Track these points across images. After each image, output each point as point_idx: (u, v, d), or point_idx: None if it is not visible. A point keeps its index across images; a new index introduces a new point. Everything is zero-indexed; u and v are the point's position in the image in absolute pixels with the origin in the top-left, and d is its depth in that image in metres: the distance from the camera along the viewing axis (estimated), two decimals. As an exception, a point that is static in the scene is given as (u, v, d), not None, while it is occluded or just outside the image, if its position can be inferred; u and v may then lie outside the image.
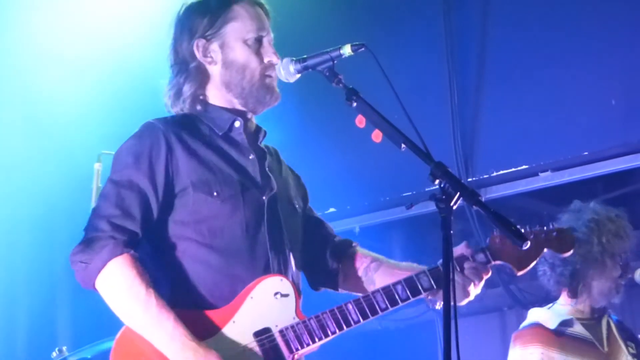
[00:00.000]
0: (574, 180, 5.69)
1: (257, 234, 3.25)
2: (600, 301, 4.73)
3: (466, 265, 3.31)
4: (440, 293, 3.17)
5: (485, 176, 5.88)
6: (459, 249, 3.34)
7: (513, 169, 5.80)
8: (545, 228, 3.51)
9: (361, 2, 6.39)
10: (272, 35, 3.43)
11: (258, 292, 3.17)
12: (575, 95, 5.63)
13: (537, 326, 4.68)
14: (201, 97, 3.39)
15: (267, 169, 3.39)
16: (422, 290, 3.28)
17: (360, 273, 3.51)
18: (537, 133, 5.74)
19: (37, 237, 6.45)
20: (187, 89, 3.37)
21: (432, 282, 3.28)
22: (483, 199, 2.86)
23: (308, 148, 6.14)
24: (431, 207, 2.88)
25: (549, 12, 5.78)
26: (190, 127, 3.33)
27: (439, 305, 3.29)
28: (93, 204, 4.67)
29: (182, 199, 3.21)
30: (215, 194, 3.21)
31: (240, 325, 3.13)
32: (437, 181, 2.87)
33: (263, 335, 3.14)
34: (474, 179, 5.87)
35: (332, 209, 6.33)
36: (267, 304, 3.17)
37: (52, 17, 6.37)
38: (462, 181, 2.97)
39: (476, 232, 6.19)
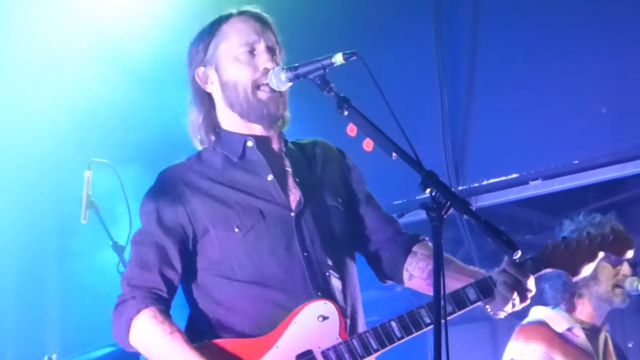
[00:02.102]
0: (565, 188, 5.71)
1: (290, 254, 3.25)
2: (601, 307, 4.71)
3: (507, 273, 3.30)
4: (496, 302, 3.23)
5: (475, 184, 5.89)
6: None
7: (503, 178, 5.81)
8: (601, 232, 3.44)
9: (352, 11, 6.40)
10: (272, 37, 3.42)
11: (302, 316, 3.18)
12: (565, 104, 5.65)
13: (544, 325, 4.67)
14: (213, 125, 3.41)
15: (295, 180, 3.38)
16: (469, 303, 3.28)
17: (425, 275, 3.46)
18: (528, 141, 5.75)
19: (26, 245, 6.43)
20: (196, 117, 3.42)
21: (479, 295, 3.27)
22: (474, 208, 2.86)
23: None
24: (422, 215, 2.88)
25: (540, 21, 5.80)
26: (201, 167, 3.36)
27: (502, 315, 3.30)
28: (83, 212, 4.70)
29: (206, 241, 3.25)
30: (236, 229, 3.24)
31: (283, 350, 3.14)
32: (428, 190, 2.87)
33: (305, 357, 3.15)
34: (464, 187, 5.88)
35: (323, 217, 6.31)
36: (310, 327, 3.17)
37: (48, 23, 6.37)
38: (453, 190, 2.96)
39: (466, 239, 6.20)
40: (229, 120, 3.40)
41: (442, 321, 2.73)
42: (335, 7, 6.43)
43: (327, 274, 3.29)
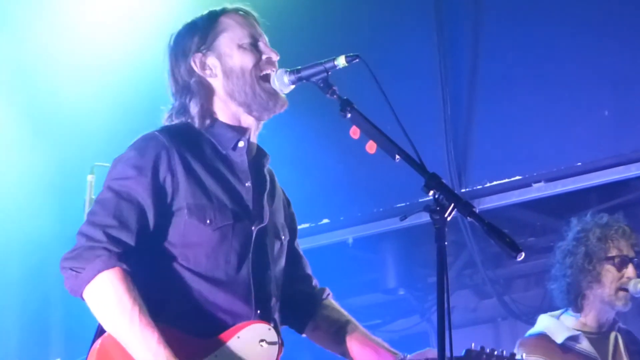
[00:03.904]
0: (567, 191, 5.70)
1: (241, 267, 3.21)
2: (604, 311, 4.70)
3: None
4: None
5: (478, 187, 5.89)
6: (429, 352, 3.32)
7: (506, 180, 5.80)
8: (516, 357, 3.44)
9: (355, 14, 6.40)
10: (266, 38, 3.41)
11: (245, 333, 3.15)
12: (568, 106, 5.65)
13: (543, 337, 4.66)
14: (209, 113, 3.34)
15: (264, 198, 3.35)
16: None
17: (332, 329, 3.48)
18: (531, 144, 5.75)
19: (29, 248, 6.43)
20: (194, 106, 3.32)
21: None
22: (477, 211, 2.86)
23: (302, 159, 6.14)
24: (425, 218, 2.88)
25: (542, 23, 5.80)
26: (192, 143, 3.28)
27: None
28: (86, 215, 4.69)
29: (176, 219, 3.18)
30: (208, 221, 3.18)
31: None
32: (431, 192, 2.87)
33: None
34: (467, 189, 5.88)
35: (325, 220, 6.32)
36: (251, 348, 3.14)
37: (50, 27, 6.38)
38: (456, 192, 2.97)
39: (469, 242, 6.20)
40: (225, 110, 3.35)
41: (446, 324, 2.73)
42: (337, 10, 6.43)
43: (271, 298, 3.28)
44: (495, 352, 3.39)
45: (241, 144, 3.32)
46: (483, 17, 6.00)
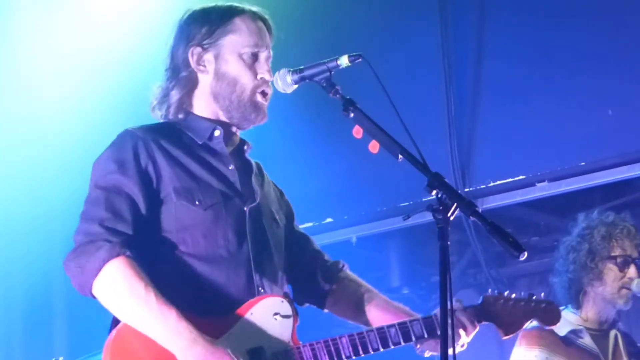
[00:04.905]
0: (571, 190, 5.69)
1: (241, 245, 3.24)
2: (605, 308, 4.71)
3: (456, 317, 3.34)
4: (429, 342, 3.30)
5: (482, 186, 5.88)
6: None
7: (510, 179, 5.80)
8: (534, 297, 3.58)
9: (358, 14, 6.40)
10: (271, 53, 3.43)
11: (258, 309, 3.17)
12: (571, 106, 5.64)
13: (546, 329, 4.66)
14: (185, 106, 3.38)
15: (252, 180, 3.38)
16: (413, 337, 3.32)
17: (352, 300, 3.53)
18: (534, 143, 5.74)
19: (33, 247, 6.44)
20: (174, 95, 3.37)
21: (424, 330, 3.32)
22: (480, 210, 2.86)
23: (305, 158, 6.15)
24: (428, 217, 2.88)
25: (546, 23, 5.79)
26: (169, 135, 3.31)
27: (428, 354, 3.37)
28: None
29: (166, 206, 3.20)
30: (197, 202, 3.20)
31: (235, 340, 3.11)
32: (434, 192, 2.88)
33: (255, 355, 3.12)
34: (470, 189, 5.87)
35: (329, 219, 6.33)
36: (265, 322, 3.16)
37: (49, 26, 6.38)
38: (459, 191, 2.97)
39: (473, 242, 6.20)
40: (205, 106, 3.38)
41: (449, 321, 2.73)
42: (341, 10, 6.43)
43: (277, 272, 3.32)
44: (513, 295, 3.47)
45: (217, 132, 3.35)
46: (487, 17, 6.00)
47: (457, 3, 6.09)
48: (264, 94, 3.37)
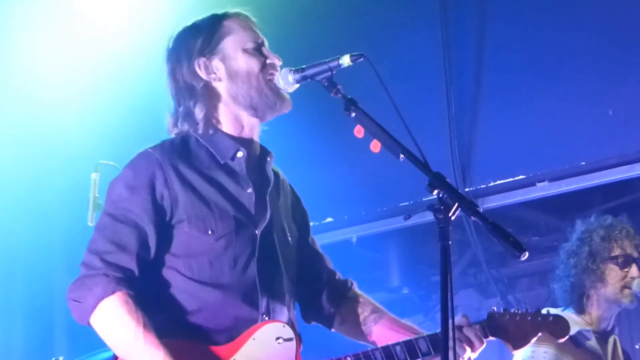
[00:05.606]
0: (571, 190, 5.70)
1: (246, 270, 3.22)
2: (610, 309, 4.71)
3: (462, 332, 3.35)
4: (436, 359, 3.27)
5: (482, 186, 5.89)
6: (457, 320, 3.35)
7: (510, 179, 5.80)
8: (542, 312, 3.57)
9: (359, 14, 6.40)
10: (267, 43, 3.42)
11: (260, 334, 3.17)
12: (572, 106, 5.64)
13: None
14: (213, 121, 3.33)
15: (267, 197, 3.35)
16: (420, 354, 3.30)
17: (359, 320, 3.51)
18: (534, 143, 5.75)
19: (34, 247, 6.44)
20: (199, 112, 3.32)
21: (430, 347, 3.30)
22: (481, 210, 2.86)
23: (306, 157, 6.14)
24: (429, 217, 2.88)
25: (546, 23, 5.80)
26: (188, 155, 3.28)
27: None
28: (90, 214, 4.70)
29: (177, 231, 3.19)
30: (210, 232, 3.19)
31: None
32: (435, 191, 2.88)
33: None
34: (471, 189, 5.88)
35: (329, 219, 6.33)
36: (268, 347, 3.16)
37: (52, 25, 6.38)
38: (460, 191, 2.97)
39: (473, 242, 6.20)
40: (227, 116, 3.34)
41: (450, 325, 2.73)
42: (342, 10, 6.43)
43: (284, 296, 3.29)
44: (519, 311, 3.45)
45: (240, 154, 3.32)
46: (488, 16, 6.00)
47: (458, 3, 6.09)
48: (273, 75, 3.32)
